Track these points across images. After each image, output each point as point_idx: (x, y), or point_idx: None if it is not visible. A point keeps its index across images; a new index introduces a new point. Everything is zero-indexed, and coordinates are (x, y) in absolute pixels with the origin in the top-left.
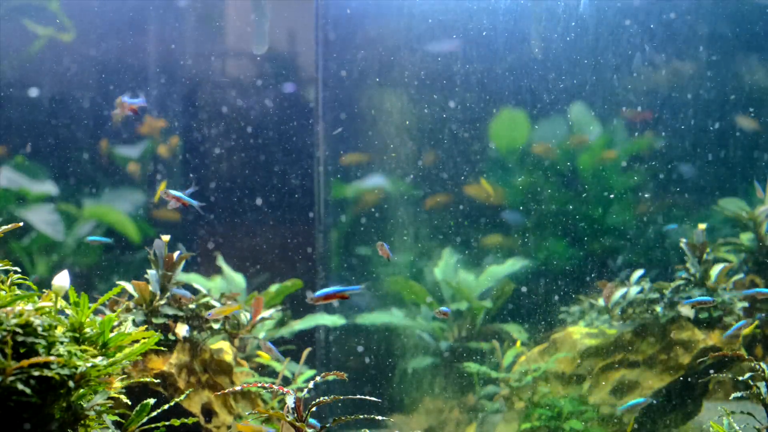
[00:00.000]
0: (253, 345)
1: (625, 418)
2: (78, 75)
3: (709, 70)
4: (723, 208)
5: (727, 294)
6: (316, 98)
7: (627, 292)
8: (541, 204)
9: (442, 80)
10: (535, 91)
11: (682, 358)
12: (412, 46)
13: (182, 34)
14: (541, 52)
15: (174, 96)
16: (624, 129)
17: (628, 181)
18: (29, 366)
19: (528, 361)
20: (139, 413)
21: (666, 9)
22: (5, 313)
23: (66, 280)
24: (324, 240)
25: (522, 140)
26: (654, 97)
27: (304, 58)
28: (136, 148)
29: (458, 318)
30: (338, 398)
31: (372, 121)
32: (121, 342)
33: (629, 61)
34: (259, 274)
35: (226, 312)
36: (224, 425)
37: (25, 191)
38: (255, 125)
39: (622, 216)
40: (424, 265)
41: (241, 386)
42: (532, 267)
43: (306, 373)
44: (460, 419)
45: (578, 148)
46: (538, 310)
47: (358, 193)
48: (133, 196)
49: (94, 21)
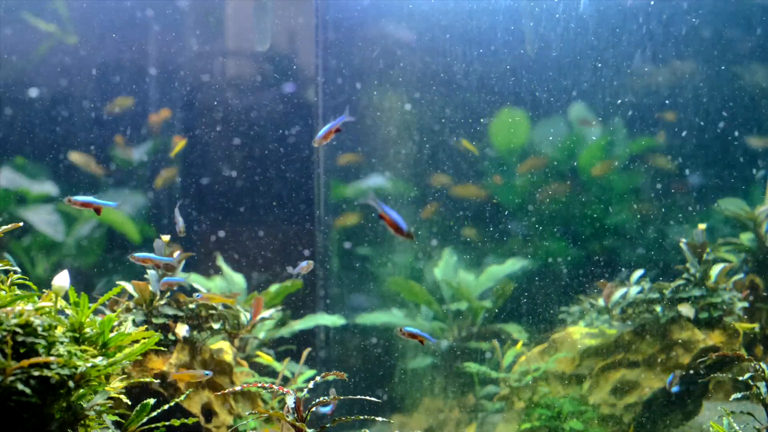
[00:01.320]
0: (253, 345)
1: (626, 418)
2: (78, 75)
3: (709, 70)
4: (723, 208)
5: (727, 294)
6: (316, 98)
7: (627, 292)
8: (541, 204)
9: (442, 80)
10: (535, 91)
11: (682, 358)
12: (412, 46)
13: (182, 34)
14: (536, 51)
15: (174, 96)
16: (624, 129)
17: (628, 181)
18: (29, 366)
19: (528, 361)
20: (139, 413)
21: (666, 9)
22: (5, 313)
23: (66, 280)
24: (324, 240)
25: (522, 140)
26: (654, 97)
27: (304, 58)
28: (140, 149)
29: (458, 318)
30: (338, 398)
31: (372, 121)
32: (121, 342)
33: (629, 61)
34: (259, 274)
35: (217, 300)
36: (224, 425)
37: (25, 191)
38: (255, 125)
39: (622, 216)
40: (424, 265)
41: (241, 386)
42: (532, 267)
43: (306, 373)
44: (460, 419)
45: (578, 148)
46: (538, 310)
47: (357, 193)
48: (134, 196)
49: (96, 22)
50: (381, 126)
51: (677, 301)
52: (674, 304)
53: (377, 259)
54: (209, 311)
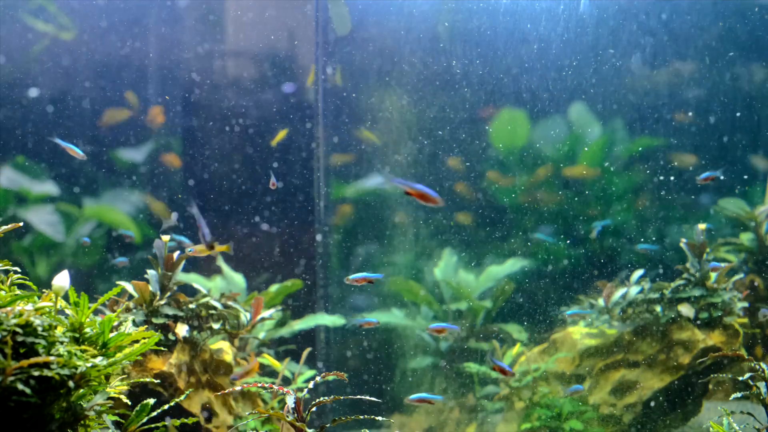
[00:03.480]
0: (253, 345)
1: (626, 418)
2: (78, 74)
3: (709, 70)
4: (723, 208)
5: (727, 294)
6: (316, 98)
7: (627, 292)
8: (541, 204)
9: (442, 80)
10: (535, 91)
11: (682, 358)
12: (412, 46)
13: (182, 33)
14: (536, 51)
15: (173, 96)
16: (624, 129)
17: (628, 181)
18: (29, 366)
19: (528, 361)
20: (139, 413)
21: (666, 9)
22: (5, 313)
23: (66, 280)
24: (324, 240)
25: (522, 140)
26: (654, 97)
27: (304, 58)
28: (140, 150)
29: (458, 318)
30: (338, 398)
31: (372, 121)
32: (121, 342)
33: (629, 61)
34: (259, 274)
35: (203, 252)
36: (224, 425)
37: (25, 191)
38: (255, 125)
39: (622, 216)
40: (424, 265)
41: (241, 386)
42: (532, 267)
43: (306, 373)
44: (460, 419)
45: (578, 148)
46: (538, 310)
47: (357, 193)
48: (134, 196)
49: (94, 20)
50: (381, 126)
51: (677, 301)
52: (674, 304)
53: (377, 259)
54: (209, 311)
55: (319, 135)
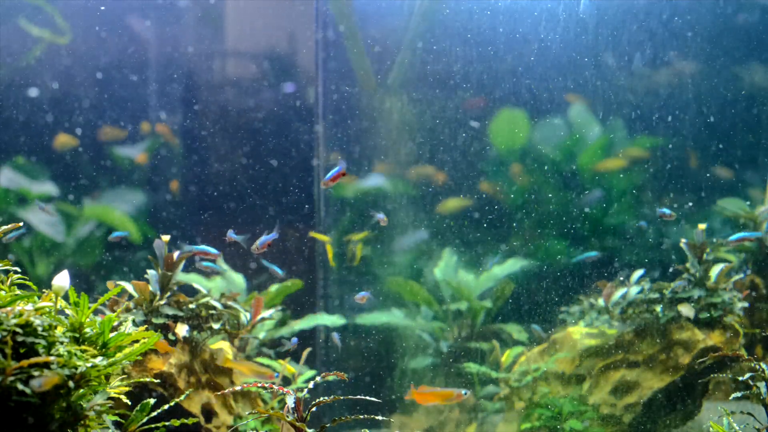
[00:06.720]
0: (253, 345)
1: (626, 419)
2: (78, 75)
3: (709, 70)
4: (723, 208)
5: (727, 294)
6: (316, 98)
7: (627, 292)
8: (541, 204)
9: (442, 80)
10: (535, 91)
11: (682, 358)
12: (412, 46)
13: (181, 33)
14: (536, 51)
15: (173, 96)
16: (624, 129)
17: (628, 181)
18: (29, 366)
19: (528, 361)
20: (139, 413)
21: (666, 9)
22: (5, 313)
23: (66, 280)
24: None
25: (522, 140)
26: (654, 97)
27: (304, 58)
28: (136, 148)
29: (458, 318)
30: (338, 398)
31: (372, 121)
32: (121, 342)
33: (629, 61)
34: (259, 274)
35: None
36: (224, 425)
37: (25, 191)
38: (255, 125)
39: (622, 216)
40: (424, 265)
41: (241, 386)
42: (532, 267)
43: (306, 373)
44: (460, 419)
45: (578, 148)
46: (538, 310)
47: (357, 193)
48: (133, 196)
49: (92, 21)
50: (381, 126)
51: (677, 301)
52: (674, 304)
53: (377, 259)
54: (209, 311)
55: (319, 135)
